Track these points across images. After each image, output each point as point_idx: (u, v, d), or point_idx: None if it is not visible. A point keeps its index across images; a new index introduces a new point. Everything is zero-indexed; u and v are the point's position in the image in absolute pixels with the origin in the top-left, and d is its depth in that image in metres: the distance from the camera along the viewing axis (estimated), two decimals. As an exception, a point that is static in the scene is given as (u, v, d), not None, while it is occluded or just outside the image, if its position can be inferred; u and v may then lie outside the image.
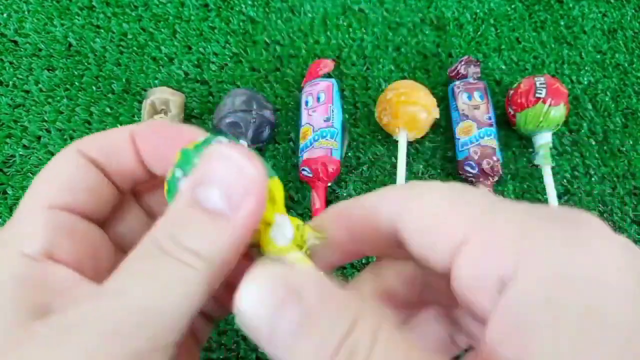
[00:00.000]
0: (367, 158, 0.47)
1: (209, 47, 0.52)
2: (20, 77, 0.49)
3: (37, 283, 0.14)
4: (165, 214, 0.15)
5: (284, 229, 0.15)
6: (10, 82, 0.49)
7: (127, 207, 0.19)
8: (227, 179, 0.14)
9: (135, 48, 0.52)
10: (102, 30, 0.52)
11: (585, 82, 0.52)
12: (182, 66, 0.51)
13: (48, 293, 0.14)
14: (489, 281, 0.12)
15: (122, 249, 0.19)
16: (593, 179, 0.47)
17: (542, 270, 0.11)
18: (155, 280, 0.13)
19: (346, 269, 0.41)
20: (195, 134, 0.17)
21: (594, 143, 0.49)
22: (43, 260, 0.15)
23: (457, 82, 0.48)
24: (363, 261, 0.41)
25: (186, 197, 0.14)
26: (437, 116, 0.46)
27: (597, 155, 0.48)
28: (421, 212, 0.14)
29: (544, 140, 0.46)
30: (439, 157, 0.47)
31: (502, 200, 0.13)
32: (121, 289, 0.14)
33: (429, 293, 0.17)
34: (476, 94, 0.47)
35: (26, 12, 0.53)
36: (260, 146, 0.46)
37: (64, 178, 0.17)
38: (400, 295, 0.17)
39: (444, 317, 0.18)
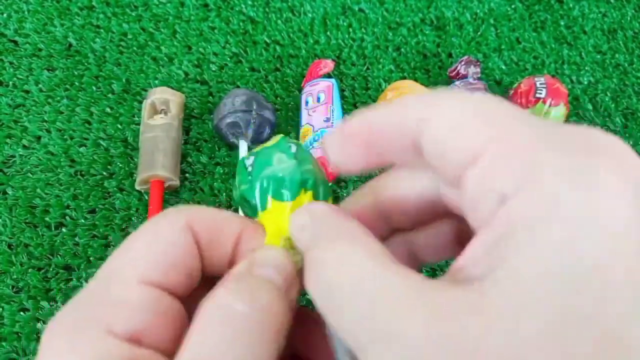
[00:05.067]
0: (367, 158, 0.47)
1: (209, 47, 0.52)
2: (20, 77, 0.49)
3: None
4: (225, 282, 0.16)
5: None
6: (10, 82, 0.49)
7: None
8: (280, 262, 0.17)
9: (135, 48, 0.52)
10: (102, 30, 0.52)
11: (585, 82, 0.52)
12: (182, 66, 0.51)
13: None
14: (493, 194, 0.12)
15: None
16: (593, 179, 0.47)
17: (540, 197, 0.11)
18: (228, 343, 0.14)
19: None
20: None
21: (594, 143, 0.49)
22: (131, 343, 0.15)
23: (457, 82, 0.48)
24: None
25: (245, 269, 0.16)
26: (437, 116, 0.46)
27: (597, 155, 0.48)
28: (440, 122, 0.14)
29: (544, 140, 0.46)
30: (439, 157, 0.47)
31: (522, 116, 0.13)
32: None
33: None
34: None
35: (26, 12, 0.53)
36: (260, 146, 0.46)
37: (166, 253, 0.16)
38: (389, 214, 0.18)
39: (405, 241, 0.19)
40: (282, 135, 0.19)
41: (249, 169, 0.18)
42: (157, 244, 0.17)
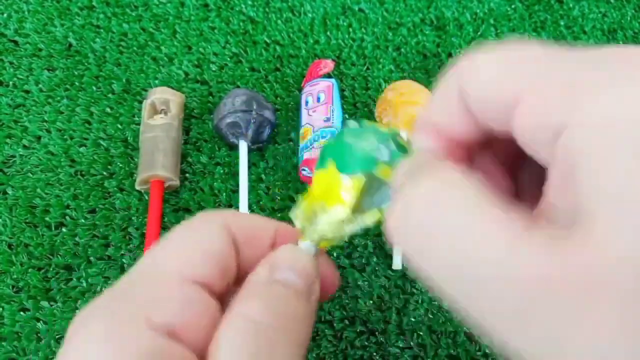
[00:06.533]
0: (367, 158, 0.47)
1: (209, 47, 0.52)
2: (20, 77, 0.49)
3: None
4: (245, 290, 0.16)
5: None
6: (10, 82, 0.49)
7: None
8: (301, 264, 0.17)
9: (135, 48, 0.52)
10: (102, 30, 0.52)
11: (585, 82, 0.52)
12: (182, 66, 0.51)
13: None
14: (545, 134, 0.12)
15: None
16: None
17: (595, 115, 0.11)
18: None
19: (346, 269, 0.41)
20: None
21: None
22: (168, 336, 0.15)
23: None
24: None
25: (265, 278, 0.16)
26: (437, 116, 0.46)
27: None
28: (477, 83, 0.14)
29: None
30: (439, 157, 0.47)
31: (554, 52, 0.13)
32: None
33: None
34: (476, 94, 0.47)
35: (26, 12, 0.53)
36: (260, 146, 0.46)
37: (206, 250, 0.16)
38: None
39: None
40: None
41: (393, 146, 0.18)
42: (198, 241, 0.16)
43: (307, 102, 0.47)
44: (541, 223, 0.12)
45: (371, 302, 0.40)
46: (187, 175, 0.45)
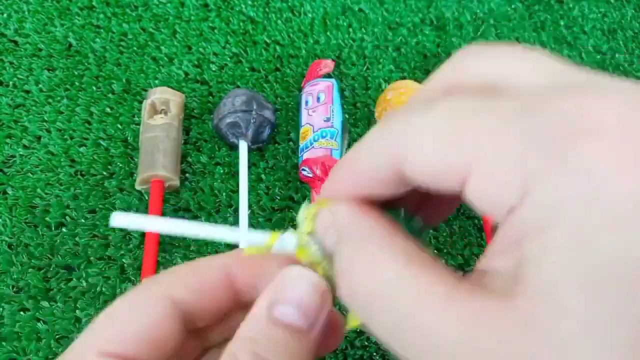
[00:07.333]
0: (367, 158, 0.47)
1: (209, 47, 0.52)
2: (20, 77, 0.49)
3: None
4: (244, 328, 0.16)
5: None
6: (10, 82, 0.49)
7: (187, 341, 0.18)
8: (302, 298, 0.16)
9: (135, 48, 0.52)
10: (102, 30, 0.52)
11: (585, 82, 0.52)
12: (182, 66, 0.51)
13: None
14: (497, 210, 0.12)
15: None
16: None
17: (542, 202, 0.11)
18: None
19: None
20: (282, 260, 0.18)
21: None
22: None
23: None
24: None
25: (264, 314, 0.16)
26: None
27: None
28: (421, 153, 0.13)
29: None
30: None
31: (502, 122, 0.12)
32: None
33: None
34: (476, 94, 0.47)
35: (26, 12, 0.53)
36: (260, 146, 0.46)
37: (138, 324, 0.16)
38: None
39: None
40: None
41: None
42: (129, 316, 0.16)
43: (307, 102, 0.47)
44: (475, 285, 0.12)
45: (371, 302, 0.40)
46: (187, 175, 0.45)
